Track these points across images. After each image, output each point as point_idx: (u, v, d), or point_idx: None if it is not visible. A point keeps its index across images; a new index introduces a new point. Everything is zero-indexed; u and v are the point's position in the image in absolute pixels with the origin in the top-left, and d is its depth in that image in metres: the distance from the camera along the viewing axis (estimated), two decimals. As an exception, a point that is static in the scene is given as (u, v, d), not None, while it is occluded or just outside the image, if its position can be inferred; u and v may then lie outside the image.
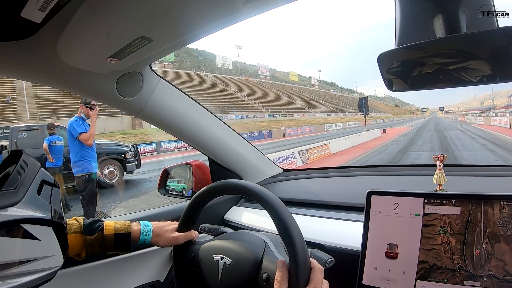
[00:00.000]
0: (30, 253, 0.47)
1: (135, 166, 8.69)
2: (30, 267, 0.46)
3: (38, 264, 0.47)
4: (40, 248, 0.48)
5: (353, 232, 0.81)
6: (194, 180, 1.22)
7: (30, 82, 0.91)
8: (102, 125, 23.24)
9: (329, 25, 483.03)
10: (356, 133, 19.09)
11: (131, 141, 15.85)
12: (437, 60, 0.54)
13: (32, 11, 0.46)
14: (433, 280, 0.65)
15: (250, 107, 46.42)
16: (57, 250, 0.51)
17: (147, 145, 17.80)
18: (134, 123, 24.75)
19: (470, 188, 0.89)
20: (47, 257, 0.49)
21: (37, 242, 0.48)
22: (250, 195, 0.70)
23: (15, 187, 0.47)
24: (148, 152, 17.18)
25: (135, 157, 8.66)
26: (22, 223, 0.46)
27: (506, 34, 0.48)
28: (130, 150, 8.57)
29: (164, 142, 18.33)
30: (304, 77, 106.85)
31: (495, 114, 39.70)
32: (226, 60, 68.23)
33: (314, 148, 11.95)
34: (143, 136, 21.00)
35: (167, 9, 0.54)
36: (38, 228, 0.48)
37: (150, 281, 1.01)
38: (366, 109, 29.84)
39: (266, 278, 0.65)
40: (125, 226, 0.82)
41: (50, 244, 0.50)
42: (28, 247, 0.47)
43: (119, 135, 20.75)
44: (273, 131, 29.89)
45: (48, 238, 0.50)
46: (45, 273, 0.49)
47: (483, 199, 0.64)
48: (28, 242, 0.47)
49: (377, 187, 0.75)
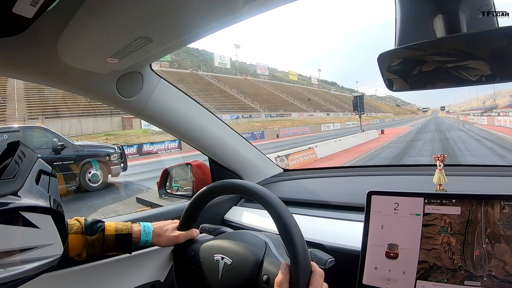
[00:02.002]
0: (30, 241, 0.47)
1: (121, 169, 8.46)
2: (31, 255, 0.46)
3: (39, 252, 0.48)
4: (40, 236, 0.48)
5: (353, 232, 0.81)
6: (194, 180, 1.22)
7: (31, 82, 0.92)
8: (92, 126, 22.96)
9: (330, 24, 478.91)
10: (350, 135, 17.39)
11: (114, 143, 15.14)
12: (437, 58, 0.54)
13: (24, 6, 0.46)
14: (433, 280, 0.65)
15: (246, 106, 45.96)
16: (57, 239, 0.52)
17: (127, 147, 16.68)
18: (124, 123, 24.32)
19: (470, 188, 0.89)
20: (47, 245, 0.49)
21: (37, 230, 0.48)
22: (250, 195, 0.70)
23: (13, 176, 0.48)
24: (129, 155, 15.91)
25: (120, 159, 8.45)
26: (22, 211, 0.46)
27: (506, 34, 0.48)
28: (115, 152, 8.36)
29: (146, 144, 17.66)
30: (304, 77, 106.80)
31: (497, 114, 39.30)
32: (224, 59, 67.91)
33: (296, 153, 10.48)
34: (127, 138, 20.43)
35: (167, 9, 0.54)
36: (38, 216, 0.48)
37: (150, 281, 1.01)
38: (362, 109, 27.60)
39: (267, 279, 0.65)
40: (126, 227, 0.82)
41: (49, 233, 0.50)
42: (28, 235, 0.47)
43: (103, 136, 20.18)
44: (266, 132, 28.28)
45: (48, 226, 0.50)
46: (46, 261, 0.49)
47: (484, 199, 0.64)
48: (28, 230, 0.47)
49: (377, 187, 0.75)
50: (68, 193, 7.49)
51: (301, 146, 12.04)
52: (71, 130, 21.26)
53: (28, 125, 8.08)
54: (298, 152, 10.57)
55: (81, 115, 23.81)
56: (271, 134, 28.13)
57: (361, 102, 27.58)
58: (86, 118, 23.68)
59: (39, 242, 0.48)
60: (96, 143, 10.27)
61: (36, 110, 22.96)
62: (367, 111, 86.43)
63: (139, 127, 23.09)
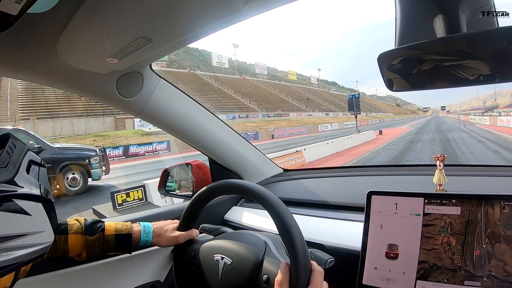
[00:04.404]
0: (22, 228, 0.48)
1: (102, 172, 8.23)
2: (22, 241, 0.47)
3: (30, 239, 0.49)
4: (31, 223, 0.50)
5: (353, 232, 0.81)
6: (194, 180, 1.22)
7: (31, 82, 0.92)
8: (84, 127, 22.76)
9: (330, 24, 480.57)
10: (346, 136, 16.33)
11: (101, 144, 14.72)
12: (437, 58, 0.54)
13: (9, 3, 0.46)
14: (433, 280, 0.65)
15: (244, 106, 45.65)
16: (47, 226, 0.53)
17: (113, 149, 16.39)
18: (117, 124, 24.20)
19: (470, 188, 0.89)
20: (38, 232, 0.51)
21: (29, 217, 0.49)
22: (250, 195, 0.70)
23: (5, 165, 0.49)
24: (115, 157, 15.75)
25: (102, 162, 8.24)
26: (15, 198, 0.47)
27: (506, 34, 0.48)
28: (96, 154, 8.14)
29: (133, 146, 17.22)
30: (304, 76, 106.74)
31: (498, 114, 39.05)
32: (222, 58, 67.72)
33: (282, 156, 9.50)
34: (115, 139, 19.93)
35: (167, 9, 0.54)
36: (30, 203, 0.50)
37: (150, 281, 1.01)
38: (358, 108, 26.60)
39: (267, 279, 0.65)
40: (126, 227, 0.82)
41: (41, 220, 0.52)
42: (21, 222, 0.48)
43: (90, 138, 19.85)
44: (260, 133, 27.14)
45: (39, 213, 0.51)
46: (37, 247, 0.50)
47: (484, 199, 0.63)
48: (21, 217, 0.48)
49: (377, 187, 0.75)
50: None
51: (298, 147, 11.34)
52: (63, 131, 21.20)
53: (3, 127, 7.82)
54: (283, 156, 9.61)
55: (73, 116, 23.73)
56: (266, 135, 27.19)
57: (357, 102, 26.65)
58: (78, 119, 23.63)
59: (31, 229, 0.49)
60: (76, 146, 9.98)
61: (28, 111, 22.94)
62: (367, 111, 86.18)
63: (132, 128, 22.88)
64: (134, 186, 6.29)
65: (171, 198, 1.63)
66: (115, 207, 5.99)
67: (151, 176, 7.97)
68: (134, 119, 21.75)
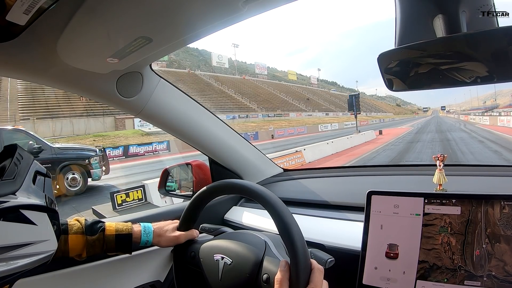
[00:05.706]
0: (28, 237, 0.50)
1: (102, 172, 8.24)
2: (28, 250, 0.50)
3: (36, 248, 0.51)
4: (37, 233, 0.52)
5: (353, 232, 0.81)
6: (195, 180, 1.22)
7: (31, 83, 0.93)
8: (83, 127, 22.74)
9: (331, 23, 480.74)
10: (345, 136, 16.27)
11: (101, 144, 14.66)
12: (436, 59, 0.54)
13: (17, 14, 0.47)
14: (433, 280, 0.65)
15: (243, 106, 45.60)
16: (51, 235, 0.55)
17: (113, 149, 16.32)
18: (117, 124, 24.24)
19: (470, 188, 0.89)
20: (43, 241, 0.53)
21: (35, 227, 0.51)
22: (250, 195, 0.70)
23: (13, 177, 0.52)
24: (114, 157, 15.69)
25: (102, 162, 8.24)
26: (21, 209, 0.50)
27: (506, 34, 0.48)
28: (96, 154, 8.15)
29: (133, 146, 17.15)
30: (304, 76, 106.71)
31: (498, 114, 38.94)
32: (222, 58, 67.60)
33: (282, 156, 9.42)
34: (115, 139, 19.86)
35: (167, 9, 0.54)
36: (35, 214, 0.52)
37: (150, 281, 1.01)
38: (358, 108, 26.06)
39: (267, 279, 0.65)
40: (126, 227, 0.82)
41: (45, 229, 0.54)
42: (27, 231, 0.51)
43: (90, 138, 19.81)
44: (260, 133, 27.00)
45: (44, 223, 0.54)
46: (42, 256, 0.52)
47: (484, 199, 0.64)
48: (27, 227, 0.50)
49: (377, 187, 0.75)
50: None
51: (298, 147, 11.32)
52: (63, 131, 21.20)
53: (4, 127, 7.83)
54: (283, 156, 9.49)
55: (73, 116, 23.73)
56: (266, 135, 27.09)
57: (356, 101, 26.38)
58: (78, 119, 23.62)
59: (36, 238, 0.52)
60: (76, 146, 9.98)
61: (28, 111, 22.95)
62: (367, 111, 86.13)
63: (132, 128, 22.85)
64: (134, 186, 6.30)
65: (171, 198, 1.64)
66: (115, 207, 5.99)
67: (150, 176, 7.98)
68: (134, 119, 21.73)
